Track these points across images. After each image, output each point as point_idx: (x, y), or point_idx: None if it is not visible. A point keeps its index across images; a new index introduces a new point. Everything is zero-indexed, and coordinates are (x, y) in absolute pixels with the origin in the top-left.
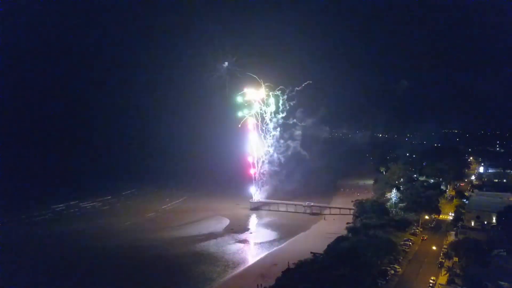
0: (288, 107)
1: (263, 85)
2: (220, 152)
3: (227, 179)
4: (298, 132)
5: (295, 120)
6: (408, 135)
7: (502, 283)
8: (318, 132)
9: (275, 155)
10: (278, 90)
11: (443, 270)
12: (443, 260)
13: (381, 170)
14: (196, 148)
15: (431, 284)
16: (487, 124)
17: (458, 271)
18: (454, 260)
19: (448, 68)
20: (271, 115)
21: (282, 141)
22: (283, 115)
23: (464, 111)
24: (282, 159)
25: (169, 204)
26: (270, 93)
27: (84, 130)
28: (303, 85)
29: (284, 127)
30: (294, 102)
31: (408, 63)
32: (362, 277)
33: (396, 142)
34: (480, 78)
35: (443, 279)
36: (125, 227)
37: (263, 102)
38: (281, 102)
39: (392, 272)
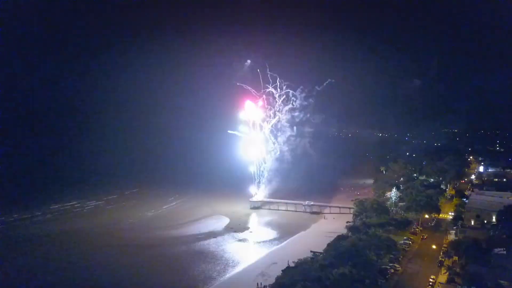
0: (306, 104)
1: (283, 84)
2: (221, 152)
3: (228, 179)
4: (309, 130)
5: (308, 115)
6: (408, 134)
7: (502, 281)
8: (325, 130)
9: (286, 153)
10: (300, 89)
11: (443, 269)
12: (443, 259)
13: (381, 169)
14: (198, 149)
15: (431, 283)
16: (487, 124)
17: (458, 270)
18: (454, 259)
19: (448, 68)
20: (286, 113)
21: (292, 138)
22: (299, 114)
23: (464, 111)
24: (290, 158)
25: (172, 204)
26: (290, 92)
27: (88, 130)
28: (325, 84)
29: (297, 124)
30: (311, 100)
31: (409, 63)
32: (362, 276)
33: (396, 141)
34: (481, 78)
35: (443, 278)
36: (127, 226)
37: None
38: (298, 100)
39: (392, 271)
